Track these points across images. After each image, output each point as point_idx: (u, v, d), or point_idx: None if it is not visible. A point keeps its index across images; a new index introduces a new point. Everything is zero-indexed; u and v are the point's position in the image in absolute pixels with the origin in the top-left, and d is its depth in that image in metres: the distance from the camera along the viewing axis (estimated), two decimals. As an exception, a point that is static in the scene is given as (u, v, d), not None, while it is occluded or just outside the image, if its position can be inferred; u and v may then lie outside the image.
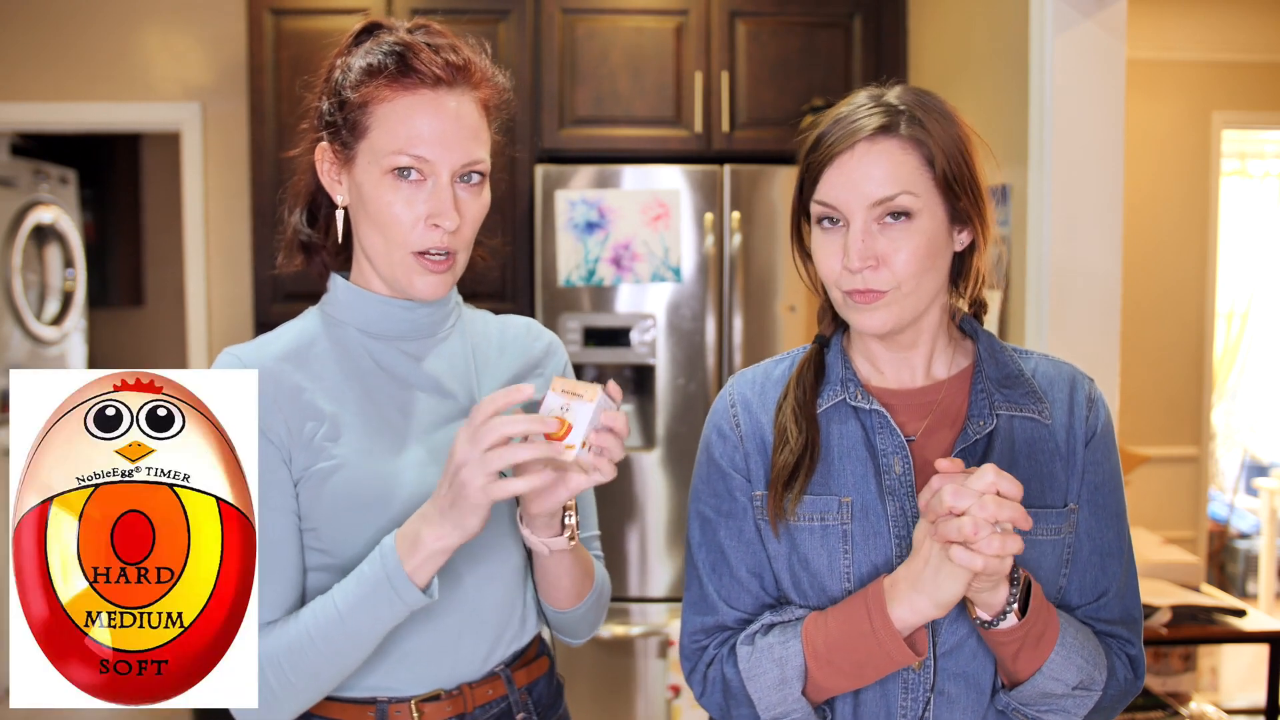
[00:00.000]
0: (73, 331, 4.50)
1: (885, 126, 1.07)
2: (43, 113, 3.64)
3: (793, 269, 1.24)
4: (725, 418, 1.19)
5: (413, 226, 1.12)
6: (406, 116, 1.11)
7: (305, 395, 1.13)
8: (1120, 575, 1.14)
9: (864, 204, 1.07)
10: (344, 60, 1.16)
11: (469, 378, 1.23)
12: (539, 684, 1.27)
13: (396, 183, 1.11)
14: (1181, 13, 4.23)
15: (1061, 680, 1.05)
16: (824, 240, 1.11)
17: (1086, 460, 1.13)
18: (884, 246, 1.07)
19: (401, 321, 1.20)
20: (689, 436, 2.91)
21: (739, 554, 1.16)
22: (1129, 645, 1.15)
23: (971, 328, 1.19)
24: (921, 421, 1.14)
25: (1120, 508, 1.16)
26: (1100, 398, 1.17)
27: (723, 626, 1.17)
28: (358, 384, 1.17)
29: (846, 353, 1.18)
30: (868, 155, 1.07)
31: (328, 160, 1.17)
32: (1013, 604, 1.02)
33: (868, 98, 1.11)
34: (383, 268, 1.16)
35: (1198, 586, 2.81)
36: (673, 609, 2.94)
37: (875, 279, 1.07)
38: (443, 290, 1.16)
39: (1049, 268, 2.24)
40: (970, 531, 0.94)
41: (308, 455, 1.12)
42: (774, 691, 1.09)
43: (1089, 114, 2.24)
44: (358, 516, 1.12)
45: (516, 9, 3.09)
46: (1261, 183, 5.53)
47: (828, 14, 3.14)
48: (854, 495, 1.11)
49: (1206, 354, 4.37)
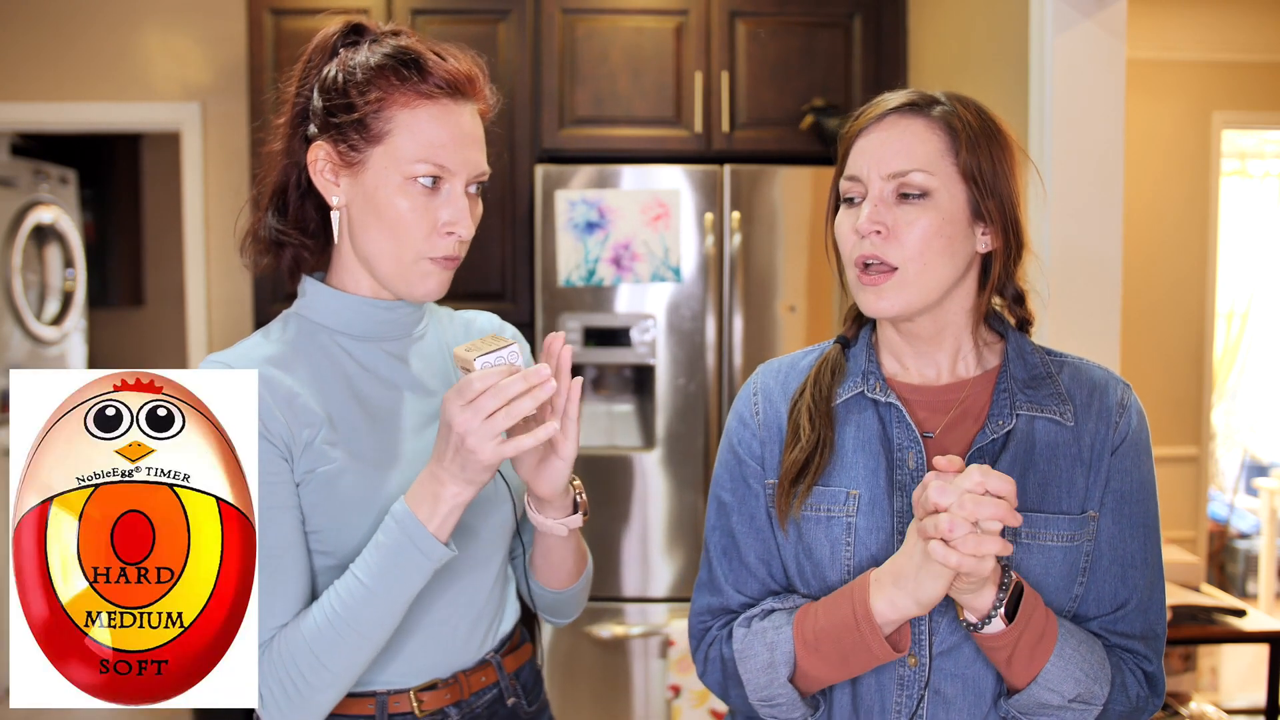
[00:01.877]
0: (73, 331, 4.50)
1: (915, 105, 1.10)
2: (43, 113, 3.64)
3: (793, 269, 1.25)
4: (747, 405, 1.22)
5: (428, 234, 1.13)
6: (430, 124, 1.12)
7: (299, 400, 1.13)
8: (1143, 588, 1.11)
9: (881, 174, 1.08)
10: (342, 60, 1.15)
11: (447, 374, 1.26)
12: (525, 669, 1.30)
13: (415, 189, 1.12)
14: (1181, 13, 4.23)
15: (1058, 691, 1.04)
16: (843, 217, 1.13)
17: (1113, 467, 1.11)
18: (896, 218, 1.08)
19: (382, 322, 1.21)
20: (689, 436, 2.91)
21: (749, 541, 1.18)
22: (1146, 661, 1.12)
23: (1003, 327, 1.19)
24: (942, 418, 1.13)
25: (1149, 519, 1.13)
26: (1134, 404, 1.14)
27: (727, 609, 1.19)
28: (345, 387, 1.17)
29: (874, 347, 1.19)
30: (894, 128, 1.10)
31: (325, 160, 1.16)
32: (998, 608, 1.01)
33: (911, 89, 1.14)
34: (388, 269, 1.16)
35: (1198, 586, 2.81)
36: (672, 609, 2.94)
37: (884, 248, 1.08)
38: (442, 290, 1.18)
39: (1049, 268, 2.24)
40: (947, 528, 0.93)
41: (308, 459, 1.12)
42: (762, 674, 1.11)
43: (1089, 114, 2.24)
44: (360, 517, 1.13)
45: (516, 9, 3.09)
46: (1261, 183, 5.53)
47: (828, 14, 3.13)
48: (862, 489, 1.12)
49: (1206, 354, 4.37)
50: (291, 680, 1.08)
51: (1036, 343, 1.19)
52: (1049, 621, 1.04)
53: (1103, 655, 1.08)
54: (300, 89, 1.18)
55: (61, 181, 4.44)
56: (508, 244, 3.12)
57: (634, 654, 2.95)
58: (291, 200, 1.21)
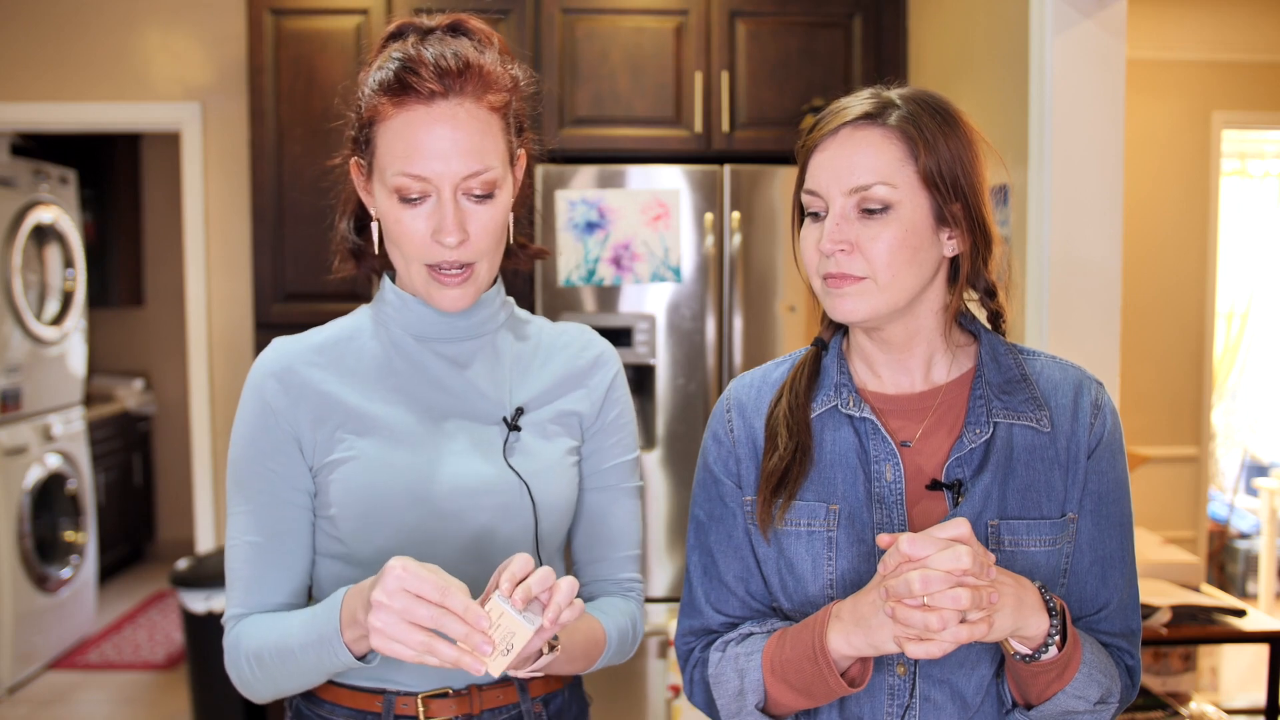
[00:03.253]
0: (73, 331, 4.50)
1: (871, 114, 1.06)
2: (43, 113, 3.64)
3: (793, 269, 1.24)
4: (721, 422, 1.20)
5: (422, 243, 1.12)
6: (403, 134, 1.10)
7: (328, 386, 1.16)
8: (1123, 587, 1.12)
9: (841, 190, 1.05)
10: (365, 72, 1.16)
11: (504, 383, 1.22)
12: (557, 697, 1.25)
13: (401, 201, 1.11)
14: (1181, 13, 4.23)
15: (1084, 698, 1.03)
16: (806, 232, 1.10)
17: (1090, 469, 1.10)
18: (859, 234, 1.05)
19: (439, 325, 1.20)
20: (689, 436, 2.91)
21: (727, 559, 1.16)
22: (1127, 656, 1.13)
23: (975, 327, 1.17)
24: (918, 427, 1.12)
25: (1124, 517, 1.13)
26: (1107, 404, 1.13)
27: (708, 630, 1.18)
28: (390, 382, 1.18)
29: (845, 356, 1.17)
30: (849, 141, 1.06)
31: (358, 174, 1.18)
32: (1054, 635, 0.98)
33: (868, 92, 1.10)
34: (405, 280, 1.18)
35: (1198, 586, 2.80)
36: (672, 609, 2.93)
37: (849, 263, 1.05)
38: (465, 301, 1.16)
39: (1049, 268, 2.24)
40: (920, 624, 0.91)
41: (327, 444, 1.14)
42: (733, 701, 1.10)
43: (1089, 114, 2.24)
44: (372, 511, 1.13)
45: (516, 9, 3.09)
46: (1261, 183, 5.53)
47: (828, 14, 3.14)
48: (841, 503, 1.10)
49: (1206, 354, 4.37)
50: (239, 669, 1.13)
51: (1010, 341, 1.18)
52: (1076, 633, 1.03)
53: (1107, 652, 1.08)
54: (352, 100, 1.19)
55: (61, 181, 4.44)
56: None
57: (634, 654, 2.95)
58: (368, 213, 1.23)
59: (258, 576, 1.15)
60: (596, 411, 1.26)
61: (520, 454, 1.18)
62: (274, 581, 1.15)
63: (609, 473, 1.28)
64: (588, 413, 1.25)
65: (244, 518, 1.15)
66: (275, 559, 1.15)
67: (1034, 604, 0.98)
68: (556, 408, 1.23)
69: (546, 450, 1.20)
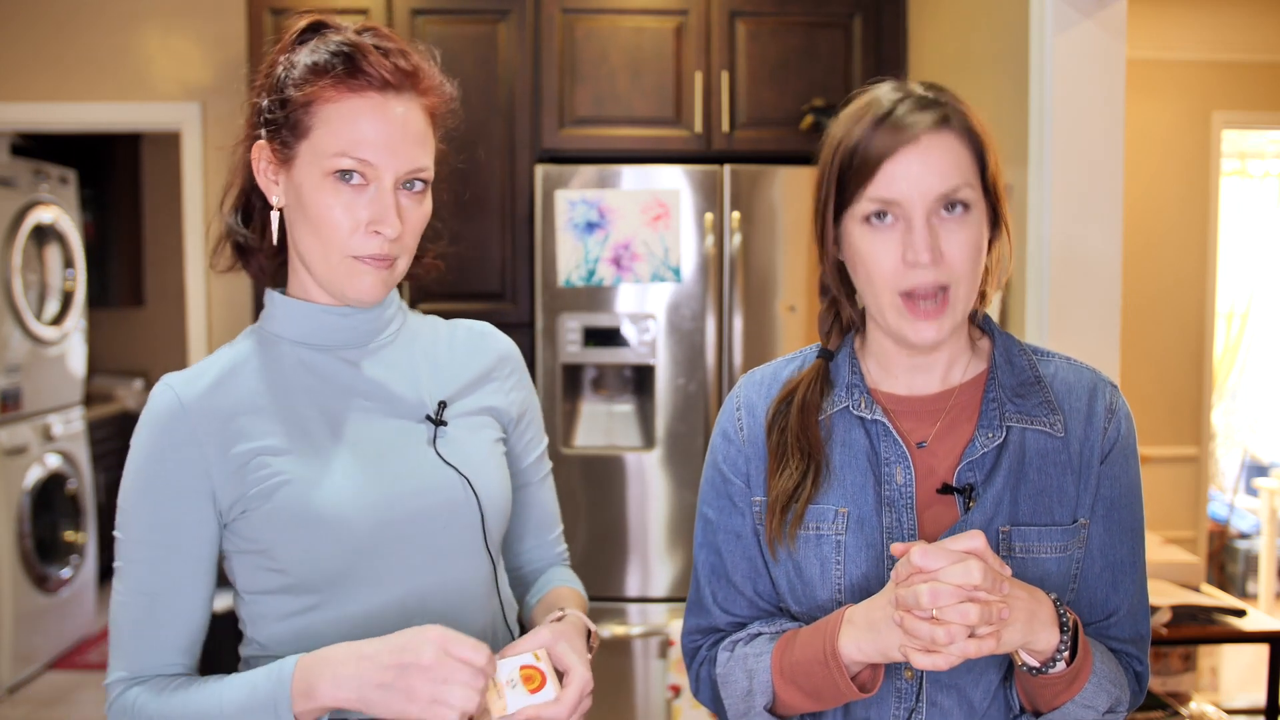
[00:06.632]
0: (73, 331, 4.50)
1: (944, 119, 1.05)
2: (43, 113, 3.65)
3: (793, 269, 1.23)
4: (730, 420, 1.19)
5: (352, 231, 1.09)
6: (352, 118, 1.08)
7: (238, 421, 1.10)
8: (1133, 593, 1.11)
9: (929, 197, 1.03)
10: (288, 57, 1.13)
11: (418, 381, 1.20)
12: None
13: (337, 186, 1.08)
14: (1181, 13, 4.23)
15: (1093, 707, 1.02)
16: (877, 239, 1.05)
17: (1103, 474, 1.09)
18: (944, 240, 1.03)
19: (339, 330, 1.17)
20: (689, 436, 2.91)
21: (735, 559, 1.16)
22: (1136, 662, 1.11)
23: (989, 327, 1.16)
24: (931, 428, 1.11)
25: (1136, 523, 1.11)
26: (1122, 407, 1.11)
27: (715, 629, 1.18)
28: (291, 399, 1.13)
29: (856, 355, 1.15)
30: (934, 147, 1.04)
31: (265, 159, 1.13)
32: (1063, 650, 0.98)
33: (897, 90, 1.08)
34: (320, 271, 1.13)
35: (1198, 586, 2.81)
36: (672, 609, 2.94)
37: (934, 273, 1.03)
38: (381, 292, 1.13)
39: (1049, 268, 2.24)
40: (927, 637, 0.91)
41: (244, 480, 1.09)
42: (741, 701, 1.10)
43: (1089, 114, 2.24)
44: (307, 530, 1.09)
45: (516, 9, 3.09)
46: (1261, 183, 5.53)
47: (828, 14, 3.13)
48: (851, 506, 1.09)
49: (1206, 354, 4.37)
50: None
51: (1024, 341, 1.17)
52: (1087, 644, 1.02)
53: (1115, 659, 1.08)
54: (259, 90, 1.15)
55: (61, 181, 4.44)
56: (508, 244, 3.12)
57: (634, 654, 2.95)
58: (255, 205, 1.19)
59: (149, 635, 1.08)
60: (511, 406, 1.26)
61: (451, 447, 1.17)
62: (166, 640, 1.09)
63: (532, 468, 1.31)
64: (504, 407, 1.25)
65: (134, 568, 1.09)
66: (168, 615, 1.09)
67: (1046, 619, 0.97)
68: (475, 402, 1.22)
69: (475, 441, 1.19)
